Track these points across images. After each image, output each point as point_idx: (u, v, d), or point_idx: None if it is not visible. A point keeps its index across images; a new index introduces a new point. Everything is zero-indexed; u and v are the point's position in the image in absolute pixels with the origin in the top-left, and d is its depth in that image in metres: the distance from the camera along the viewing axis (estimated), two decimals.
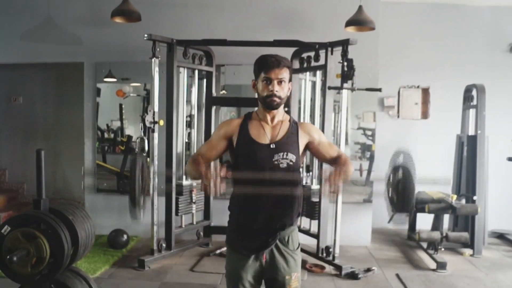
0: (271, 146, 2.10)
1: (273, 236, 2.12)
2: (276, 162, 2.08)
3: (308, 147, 2.20)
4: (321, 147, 2.21)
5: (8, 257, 2.41)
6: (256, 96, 2.17)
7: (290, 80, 2.14)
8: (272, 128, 2.15)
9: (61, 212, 2.69)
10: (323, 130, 4.56)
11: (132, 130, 6.09)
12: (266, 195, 2.08)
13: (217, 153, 2.20)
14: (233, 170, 2.18)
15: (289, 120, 2.20)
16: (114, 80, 5.72)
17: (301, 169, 2.22)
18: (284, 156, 2.09)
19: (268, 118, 2.16)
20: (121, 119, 6.10)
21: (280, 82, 2.08)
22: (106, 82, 5.73)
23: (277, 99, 2.09)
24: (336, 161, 2.17)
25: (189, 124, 5.16)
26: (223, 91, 5.58)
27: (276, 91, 2.07)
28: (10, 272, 2.53)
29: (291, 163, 2.10)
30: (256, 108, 2.22)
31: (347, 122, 5.02)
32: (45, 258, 2.50)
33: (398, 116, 6.10)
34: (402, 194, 1.88)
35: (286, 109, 2.24)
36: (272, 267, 2.15)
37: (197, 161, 2.10)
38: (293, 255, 2.18)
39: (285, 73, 2.09)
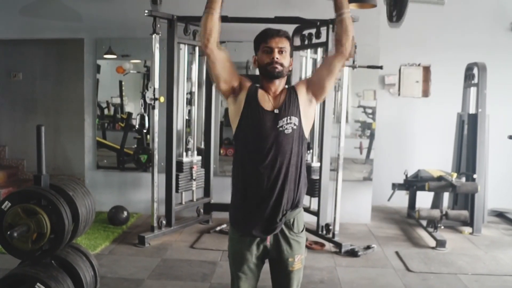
0: (275, 111, 2.07)
1: (278, 217, 2.07)
2: (280, 128, 2.04)
3: (311, 88, 2.14)
4: (320, 67, 2.22)
5: (8, 232, 2.42)
6: (258, 70, 2.13)
7: (291, 55, 2.11)
8: (274, 98, 2.11)
9: (61, 188, 2.69)
10: (324, 109, 4.55)
11: (132, 107, 6.08)
12: (270, 167, 2.04)
13: (228, 70, 2.11)
14: (236, 137, 2.13)
15: (288, 88, 2.17)
16: (114, 56, 5.67)
17: (305, 137, 2.14)
18: (288, 121, 2.05)
19: (271, 89, 2.12)
20: (121, 96, 6.07)
21: (280, 51, 2.06)
22: (106, 58, 5.68)
23: (278, 66, 2.05)
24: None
25: (189, 101, 5.13)
26: None
27: (277, 58, 2.04)
28: (10, 248, 2.54)
29: (295, 127, 2.06)
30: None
31: (347, 100, 5.00)
32: (45, 234, 2.51)
33: (399, 94, 6.06)
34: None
35: (286, 86, 2.19)
36: (276, 249, 2.14)
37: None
38: (297, 238, 2.15)
39: (285, 43, 2.07)
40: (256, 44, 2.13)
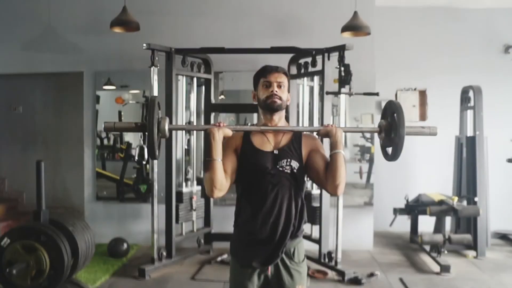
0: (275, 152, 2.09)
1: (279, 247, 2.08)
2: (280, 169, 2.07)
3: (308, 156, 2.13)
4: (318, 155, 2.12)
5: (7, 270, 2.40)
6: (257, 103, 2.16)
7: (288, 90, 2.15)
8: (274, 135, 2.13)
9: (61, 223, 2.70)
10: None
11: (131, 136, 6.10)
12: (271, 202, 2.06)
13: (232, 165, 2.10)
14: (238, 179, 2.13)
15: (294, 134, 2.16)
16: (113, 87, 5.73)
17: (304, 179, 2.16)
18: (288, 163, 2.07)
19: (271, 123, 2.12)
20: None
21: (279, 85, 2.10)
22: (105, 89, 5.73)
23: (277, 100, 2.08)
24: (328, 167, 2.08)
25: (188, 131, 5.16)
26: (222, 96, 5.59)
27: (276, 91, 2.08)
28: (9, 285, 2.52)
29: (294, 170, 2.08)
30: (255, 121, 2.20)
31: (345, 124, 5.03)
32: (45, 270, 2.51)
33: None
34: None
35: (286, 114, 2.22)
36: (277, 280, 2.13)
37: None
38: (298, 268, 2.15)
39: (284, 79, 2.12)
40: (255, 80, 2.17)
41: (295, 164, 2.08)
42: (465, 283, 4.23)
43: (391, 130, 2.14)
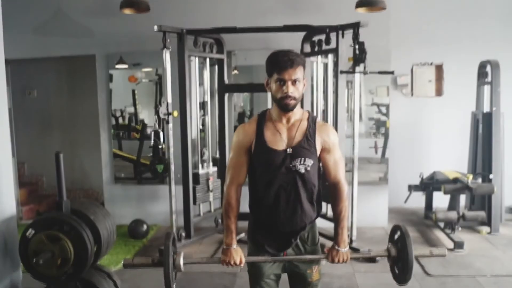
0: (288, 151, 2.05)
1: (294, 237, 2.14)
2: (294, 169, 2.05)
3: (320, 153, 2.13)
4: (328, 159, 2.13)
5: (34, 260, 2.49)
6: (270, 95, 2.10)
7: (304, 75, 2.05)
8: (288, 130, 2.08)
9: (82, 213, 2.75)
10: (336, 113, 4.54)
11: (146, 114, 6.16)
12: (285, 200, 2.08)
13: (245, 169, 2.14)
14: (250, 173, 2.15)
15: (308, 119, 2.11)
16: (126, 66, 5.72)
17: (319, 170, 2.17)
18: (302, 162, 2.04)
19: (284, 119, 2.08)
20: (134, 105, 6.16)
21: (294, 82, 1.98)
22: (117, 69, 5.75)
23: (292, 101, 2.00)
24: (332, 192, 2.17)
25: (202, 109, 5.17)
26: (235, 71, 5.59)
27: (291, 92, 1.97)
28: (36, 274, 2.61)
29: (308, 168, 2.06)
30: (269, 104, 2.19)
31: (360, 101, 4.99)
32: (69, 259, 2.58)
33: (412, 95, 6.02)
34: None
35: (308, 113, 2.17)
36: (293, 263, 2.19)
37: (230, 204, 2.13)
38: (312, 251, 2.21)
39: (299, 73, 1.99)
40: (268, 69, 2.04)
41: (309, 162, 2.06)
42: (477, 259, 4.27)
43: (399, 260, 2.20)
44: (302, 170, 2.06)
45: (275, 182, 2.07)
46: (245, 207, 2.22)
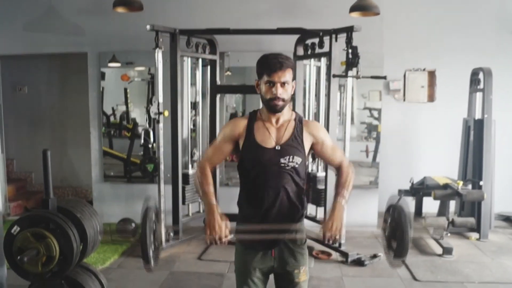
0: (277, 148, 2.11)
1: (282, 233, 2.15)
2: (282, 165, 2.09)
3: (312, 148, 2.21)
4: (324, 150, 2.21)
5: (19, 257, 2.46)
6: (260, 97, 2.15)
7: (294, 78, 2.11)
8: (277, 130, 2.15)
9: (69, 211, 2.72)
10: (328, 116, 4.54)
11: (138, 113, 6.13)
12: (272, 197, 2.10)
13: (223, 157, 2.24)
14: (239, 169, 2.19)
15: (295, 119, 2.18)
16: (118, 64, 5.70)
17: (306, 167, 2.23)
18: (290, 160, 2.09)
19: (273, 120, 2.14)
20: (126, 104, 6.14)
21: (283, 84, 2.04)
22: (110, 67, 5.73)
23: (280, 102, 2.07)
24: (337, 172, 2.21)
25: (194, 109, 5.15)
26: (228, 72, 5.58)
27: (280, 94, 2.04)
28: (21, 271, 2.58)
29: (296, 165, 2.11)
30: (261, 105, 2.19)
31: (352, 105, 5.00)
32: (55, 257, 2.54)
33: (404, 100, 6.03)
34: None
35: (294, 113, 2.22)
36: (281, 262, 2.19)
37: (205, 174, 2.16)
38: (300, 250, 2.21)
39: (288, 75, 2.05)
40: (258, 71, 2.10)
41: (297, 160, 2.11)
42: (466, 266, 4.28)
43: (397, 229, 2.27)
44: (290, 167, 2.10)
45: (264, 179, 2.10)
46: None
